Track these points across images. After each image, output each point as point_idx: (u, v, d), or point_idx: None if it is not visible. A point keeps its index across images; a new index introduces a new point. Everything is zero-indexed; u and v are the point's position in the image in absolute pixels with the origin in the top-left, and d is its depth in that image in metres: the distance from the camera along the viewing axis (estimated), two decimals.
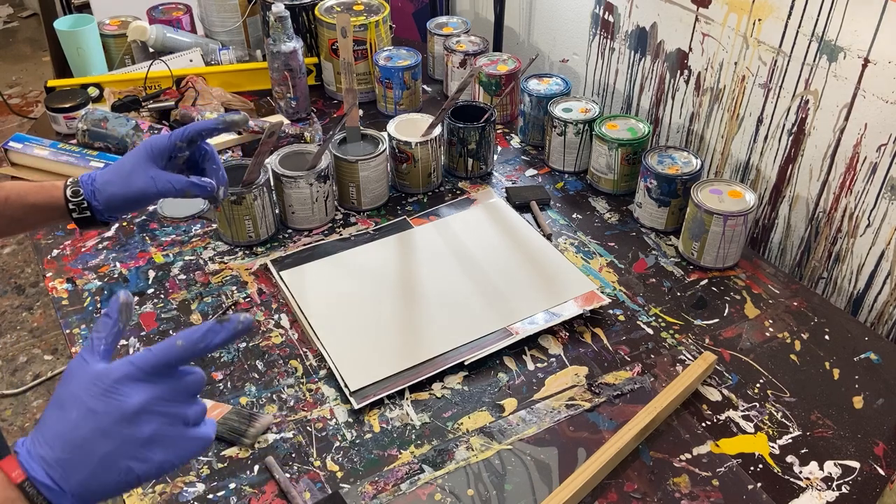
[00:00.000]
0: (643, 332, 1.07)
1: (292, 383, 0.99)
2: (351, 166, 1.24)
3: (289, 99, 1.49)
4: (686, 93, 1.37)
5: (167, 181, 0.85)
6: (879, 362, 1.02)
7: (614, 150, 1.28)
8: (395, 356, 1.01)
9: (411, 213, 1.29)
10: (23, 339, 2.22)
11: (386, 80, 1.50)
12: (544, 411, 0.95)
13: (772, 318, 1.09)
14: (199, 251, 1.20)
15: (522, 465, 0.89)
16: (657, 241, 1.23)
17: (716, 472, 0.88)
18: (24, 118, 3.06)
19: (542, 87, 1.44)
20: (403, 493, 0.86)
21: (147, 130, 1.34)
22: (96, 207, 0.86)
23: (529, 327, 1.05)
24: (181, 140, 0.85)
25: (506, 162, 1.42)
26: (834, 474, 0.88)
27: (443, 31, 1.63)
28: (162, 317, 1.08)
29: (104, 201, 0.85)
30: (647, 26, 1.40)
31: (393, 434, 0.93)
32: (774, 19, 1.16)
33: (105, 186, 0.85)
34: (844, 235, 1.16)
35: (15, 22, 3.97)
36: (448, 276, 1.14)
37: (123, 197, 0.85)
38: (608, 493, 0.86)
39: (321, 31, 1.54)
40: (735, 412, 0.95)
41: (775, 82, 1.19)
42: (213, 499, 0.85)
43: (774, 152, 1.24)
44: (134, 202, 0.86)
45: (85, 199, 0.85)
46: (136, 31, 1.59)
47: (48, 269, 1.17)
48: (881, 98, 1.04)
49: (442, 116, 1.29)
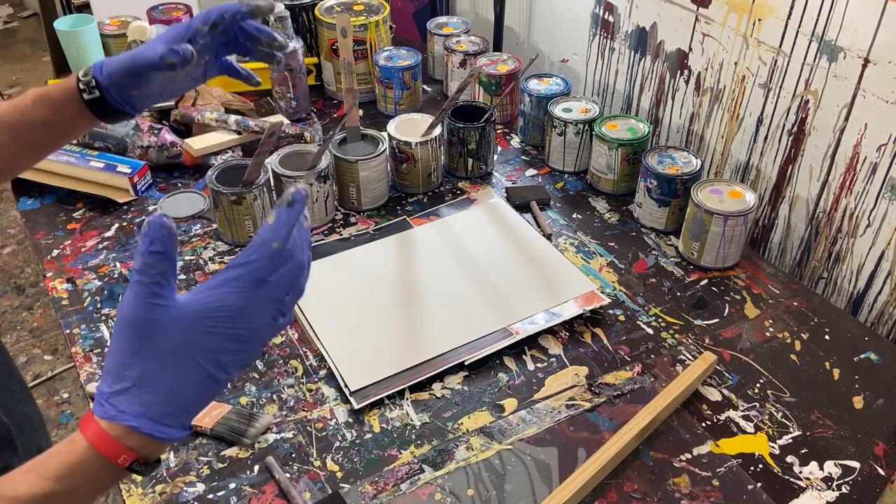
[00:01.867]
0: (643, 332, 1.07)
1: (292, 383, 0.99)
2: (351, 166, 1.24)
3: (289, 99, 1.49)
4: (686, 93, 1.37)
5: (170, 47, 0.81)
6: (879, 362, 1.02)
7: (614, 150, 1.28)
8: (395, 356, 1.01)
9: (411, 213, 1.29)
10: (23, 339, 2.22)
11: (386, 80, 1.50)
12: (544, 411, 0.95)
13: (772, 318, 1.09)
14: (199, 251, 1.20)
15: (522, 465, 0.89)
16: (657, 241, 1.23)
17: (716, 472, 0.88)
18: None
19: (542, 87, 1.44)
20: (403, 493, 0.86)
21: (147, 130, 1.34)
22: (103, 83, 0.82)
23: (529, 327, 1.05)
24: (202, 24, 0.83)
25: (506, 162, 1.42)
26: (834, 474, 0.88)
27: (443, 31, 1.63)
28: None
29: (109, 73, 0.83)
30: (647, 26, 1.40)
31: (393, 434, 0.93)
32: (774, 19, 1.16)
33: (111, 60, 0.83)
34: (844, 235, 1.16)
35: (15, 22, 3.97)
36: (448, 276, 1.14)
37: (127, 66, 0.82)
38: (608, 493, 0.86)
39: (321, 31, 1.54)
40: (735, 412, 0.95)
41: (775, 82, 1.19)
42: (213, 499, 0.85)
43: (774, 152, 1.24)
44: (136, 73, 0.82)
45: (92, 77, 0.83)
46: (136, 31, 1.59)
47: (48, 269, 1.17)
48: (881, 98, 1.04)
49: (442, 116, 1.29)
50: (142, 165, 1.31)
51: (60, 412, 2.00)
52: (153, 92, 0.85)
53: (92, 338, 1.05)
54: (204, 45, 0.86)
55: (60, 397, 2.05)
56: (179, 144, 1.35)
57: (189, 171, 1.37)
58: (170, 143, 1.35)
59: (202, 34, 0.84)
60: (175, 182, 1.35)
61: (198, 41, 0.84)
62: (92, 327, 1.07)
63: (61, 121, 0.84)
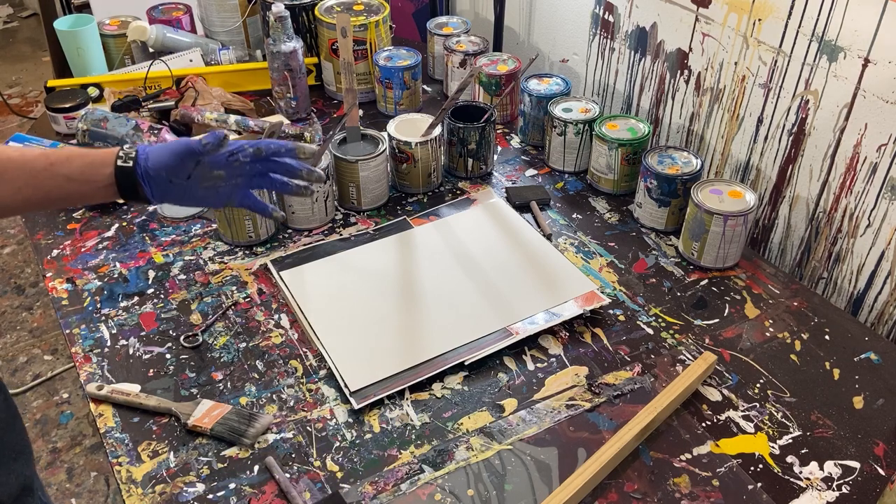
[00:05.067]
0: (643, 332, 1.07)
1: (292, 383, 0.99)
2: (351, 166, 1.23)
3: (289, 99, 1.49)
4: (686, 93, 1.37)
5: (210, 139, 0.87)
6: (879, 362, 1.02)
7: (614, 150, 1.28)
8: (395, 356, 1.01)
9: (411, 213, 1.29)
10: (23, 339, 2.22)
11: (386, 80, 1.50)
12: (544, 411, 0.95)
13: (772, 319, 1.09)
14: (199, 251, 1.20)
15: (522, 465, 0.89)
16: (657, 241, 1.23)
17: (716, 472, 0.88)
18: (24, 118, 3.05)
19: (542, 87, 1.44)
20: (403, 493, 0.86)
21: (147, 130, 1.34)
22: (140, 157, 0.85)
23: (529, 327, 1.05)
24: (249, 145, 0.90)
25: (506, 162, 1.42)
26: (834, 474, 0.88)
27: (443, 31, 1.63)
28: (162, 317, 1.08)
29: (148, 151, 0.85)
30: (647, 26, 1.40)
31: (393, 434, 0.93)
32: (774, 19, 1.16)
33: (157, 146, 0.87)
34: (844, 235, 1.16)
35: (15, 22, 3.97)
36: (448, 276, 1.14)
37: (169, 146, 0.86)
38: (608, 493, 0.86)
39: (321, 31, 1.54)
40: (735, 412, 0.95)
41: (775, 82, 1.19)
42: (213, 499, 0.85)
43: (774, 152, 1.24)
44: (173, 152, 0.86)
45: (135, 150, 0.85)
46: (136, 31, 1.59)
47: (48, 269, 1.17)
48: (881, 98, 1.04)
49: (442, 116, 1.29)
50: None
51: (60, 412, 2.00)
52: (181, 183, 0.87)
53: (92, 338, 1.05)
54: (241, 165, 0.90)
55: (60, 397, 2.05)
56: None
57: None
58: None
59: (245, 153, 0.88)
60: None
61: (238, 157, 0.89)
62: (92, 327, 1.07)
63: (86, 181, 0.84)
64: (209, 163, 0.87)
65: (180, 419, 0.93)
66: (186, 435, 0.92)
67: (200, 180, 0.87)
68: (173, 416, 0.94)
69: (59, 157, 0.83)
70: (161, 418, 0.94)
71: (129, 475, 0.88)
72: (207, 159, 0.87)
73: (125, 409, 0.95)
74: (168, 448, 0.91)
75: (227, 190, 0.90)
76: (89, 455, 1.89)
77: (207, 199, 0.91)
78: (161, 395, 0.96)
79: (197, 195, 0.89)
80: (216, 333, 1.06)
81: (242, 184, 0.91)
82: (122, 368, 1.01)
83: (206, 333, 1.06)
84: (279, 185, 0.93)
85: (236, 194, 0.91)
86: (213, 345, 1.04)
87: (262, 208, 0.95)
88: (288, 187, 0.94)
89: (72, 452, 1.90)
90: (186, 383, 0.98)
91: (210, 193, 0.89)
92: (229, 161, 0.88)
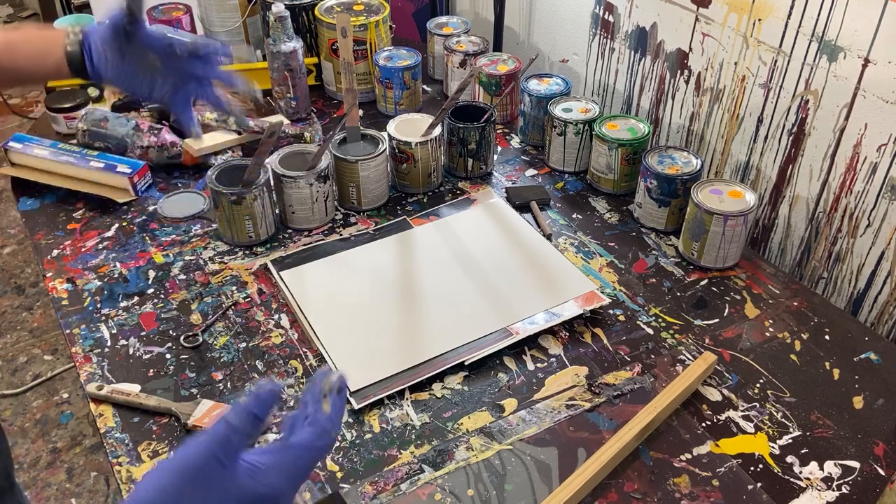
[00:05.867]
0: (643, 332, 1.07)
1: (292, 383, 0.99)
2: (351, 166, 1.23)
3: (289, 99, 1.49)
4: (686, 93, 1.37)
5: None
6: (879, 362, 1.02)
7: (614, 150, 1.28)
8: (395, 356, 1.01)
9: (411, 213, 1.29)
10: (23, 339, 2.22)
11: (386, 80, 1.50)
12: (544, 411, 0.95)
13: (772, 318, 1.09)
14: (199, 251, 1.20)
15: (522, 465, 0.89)
16: (657, 241, 1.23)
17: (716, 472, 0.88)
18: (24, 118, 3.05)
19: (542, 87, 1.44)
20: (403, 493, 0.86)
21: (147, 130, 1.34)
22: (89, 31, 0.89)
23: (529, 327, 1.05)
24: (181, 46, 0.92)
25: (506, 162, 1.42)
26: (834, 474, 0.88)
27: (443, 31, 1.63)
28: (162, 317, 1.08)
29: (93, 27, 0.90)
30: (647, 26, 1.40)
31: (393, 434, 0.93)
32: (774, 19, 1.16)
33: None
34: (844, 235, 1.16)
35: (15, 22, 3.97)
36: (448, 276, 1.14)
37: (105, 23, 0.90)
38: (608, 493, 0.86)
39: (321, 31, 1.54)
40: (735, 412, 0.95)
41: (775, 82, 1.19)
42: None
43: (774, 152, 1.24)
44: (111, 27, 0.89)
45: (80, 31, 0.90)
46: None
47: (48, 269, 1.17)
48: (881, 98, 1.04)
49: (442, 116, 1.29)
50: (142, 165, 1.31)
51: (60, 412, 2.00)
52: (117, 60, 0.90)
53: (92, 338, 1.05)
54: (178, 59, 0.92)
55: (60, 397, 2.05)
56: (179, 144, 1.35)
57: (189, 171, 1.37)
58: (170, 143, 1.35)
59: (183, 47, 0.91)
60: (175, 182, 1.35)
61: (175, 49, 0.91)
62: (92, 327, 1.07)
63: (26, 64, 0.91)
64: (144, 43, 0.90)
65: (180, 419, 0.93)
66: (186, 435, 0.92)
67: (137, 64, 0.91)
68: (173, 416, 0.94)
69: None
70: (161, 418, 0.94)
71: (130, 475, 0.88)
72: (142, 37, 0.90)
73: (125, 409, 0.95)
74: (168, 448, 0.91)
75: (164, 87, 0.94)
76: (89, 455, 1.89)
77: (143, 89, 0.93)
78: (161, 395, 0.96)
79: (135, 81, 0.92)
80: (216, 333, 1.06)
81: (180, 85, 0.94)
82: (122, 368, 1.01)
83: (206, 333, 1.06)
84: (213, 98, 0.97)
85: (172, 95, 0.95)
86: (213, 345, 1.04)
87: (188, 119, 0.98)
88: (221, 103, 0.98)
89: (72, 452, 1.90)
90: (186, 383, 0.99)
91: (146, 84, 0.93)
92: (165, 48, 0.91)
